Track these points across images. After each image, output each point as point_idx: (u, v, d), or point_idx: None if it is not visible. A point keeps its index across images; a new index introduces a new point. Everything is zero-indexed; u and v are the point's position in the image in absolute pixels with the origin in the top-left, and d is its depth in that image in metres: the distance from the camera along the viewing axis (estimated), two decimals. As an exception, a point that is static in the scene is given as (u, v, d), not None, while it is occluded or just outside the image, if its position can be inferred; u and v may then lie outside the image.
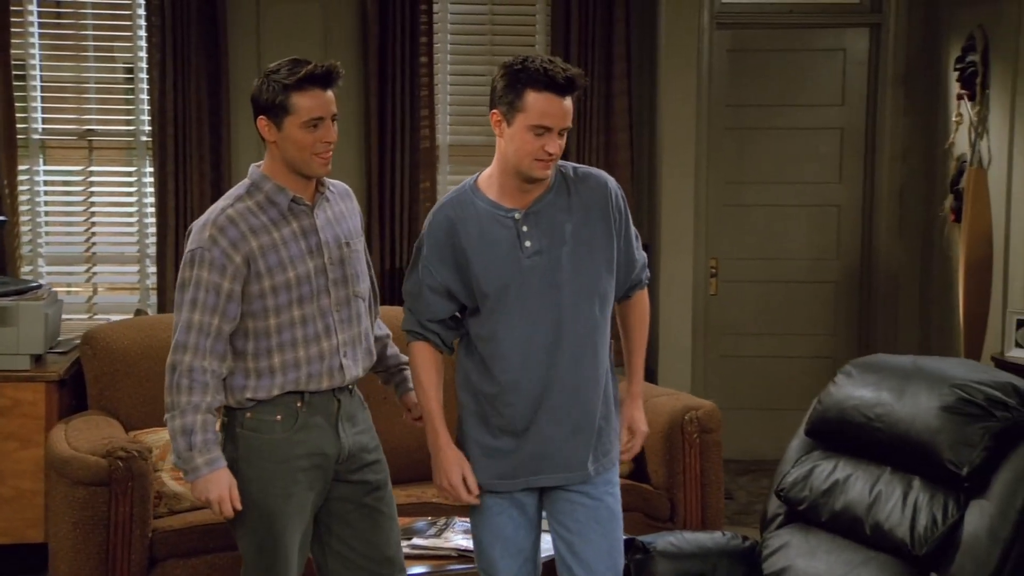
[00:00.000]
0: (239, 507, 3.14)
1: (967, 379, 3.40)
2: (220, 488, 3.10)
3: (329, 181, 3.32)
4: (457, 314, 3.24)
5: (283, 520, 3.19)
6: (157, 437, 4.34)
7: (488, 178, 3.18)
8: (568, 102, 3.04)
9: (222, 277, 3.09)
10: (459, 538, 3.99)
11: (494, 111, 3.09)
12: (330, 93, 3.13)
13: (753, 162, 6.69)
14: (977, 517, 3.25)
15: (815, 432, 3.73)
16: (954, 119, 6.18)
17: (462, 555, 3.88)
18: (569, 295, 3.13)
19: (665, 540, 3.67)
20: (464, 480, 3.20)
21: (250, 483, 3.17)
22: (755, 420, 6.64)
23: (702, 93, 6.39)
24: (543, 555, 3.36)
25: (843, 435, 3.61)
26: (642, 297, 3.41)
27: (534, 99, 3.01)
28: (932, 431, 3.35)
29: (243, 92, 5.57)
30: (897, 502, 3.40)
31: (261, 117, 3.14)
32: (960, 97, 6.11)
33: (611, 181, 3.24)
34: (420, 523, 4.16)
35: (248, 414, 3.18)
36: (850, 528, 3.48)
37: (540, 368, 3.13)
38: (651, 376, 6.28)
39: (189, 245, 3.14)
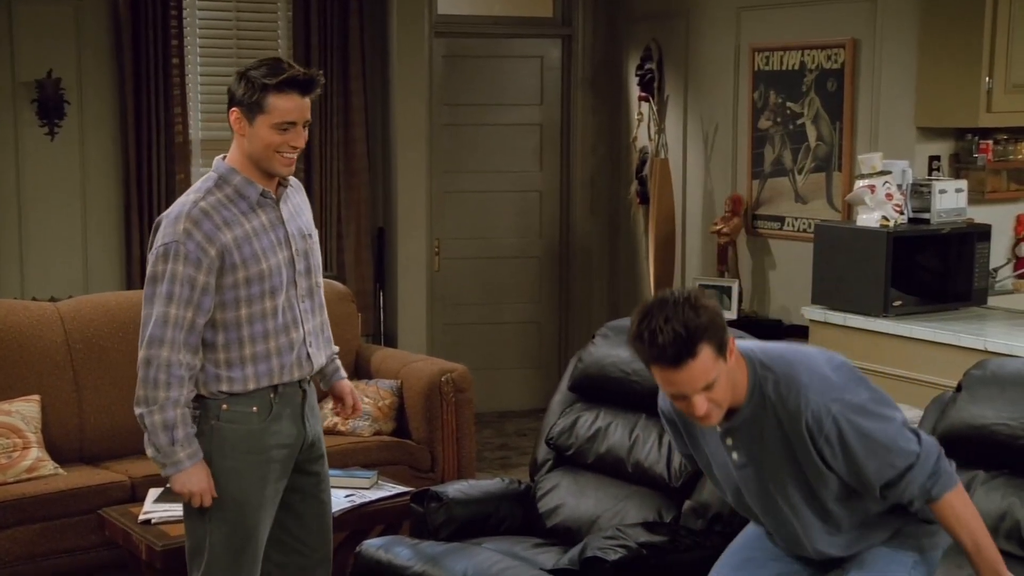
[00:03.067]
0: (215, 496, 2.88)
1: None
2: (202, 481, 2.85)
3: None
4: None
5: (258, 512, 2.94)
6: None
7: None
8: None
9: (197, 271, 2.79)
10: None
11: None
12: (307, 100, 2.84)
13: (467, 154, 6.76)
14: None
15: (577, 387, 3.82)
16: (636, 117, 6.46)
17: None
18: None
19: (455, 488, 3.68)
20: None
21: (224, 475, 2.89)
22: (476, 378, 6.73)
23: (427, 93, 6.39)
24: None
25: (603, 388, 3.72)
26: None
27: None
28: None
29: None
30: (654, 443, 3.54)
31: (234, 109, 2.84)
32: (641, 98, 6.40)
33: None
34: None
35: (224, 406, 2.90)
36: (614, 468, 3.61)
37: None
38: (392, 341, 6.26)
39: (161, 239, 2.83)
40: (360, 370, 5.04)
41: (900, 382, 4.38)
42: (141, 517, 3.68)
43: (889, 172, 4.66)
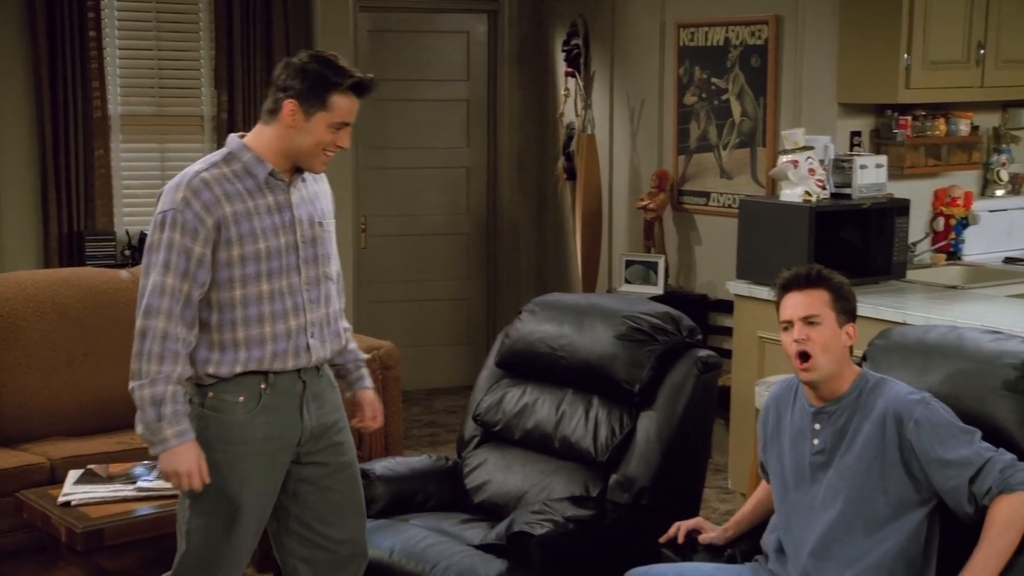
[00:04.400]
0: (207, 481, 2.72)
1: (634, 311, 3.59)
2: (189, 461, 2.68)
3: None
4: None
5: (239, 506, 2.78)
6: None
7: None
8: None
9: (194, 241, 2.68)
10: (182, 480, 3.79)
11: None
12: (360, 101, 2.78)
13: (394, 130, 6.70)
14: (646, 425, 3.46)
15: (504, 363, 3.82)
16: (563, 93, 6.45)
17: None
18: None
19: (382, 465, 3.66)
20: None
21: (209, 467, 2.73)
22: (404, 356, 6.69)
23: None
24: None
25: (530, 364, 3.72)
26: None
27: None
28: (609, 356, 3.52)
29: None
30: (580, 418, 3.55)
31: (291, 101, 2.70)
32: (567, 74, 6.38)
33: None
34: (139, 468, 3.90)
35: (210, 392, 2.76)
36: (541, 443, 3.61)
37: None
38: (318, 322, 6.19)
39: (160, 207, 2.72)
40: (286, 348, 4.97)
41: (822, 355, 4.43)
42: (60, 499, 3.60)
43: (811, 148, 4.71)
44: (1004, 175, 5.59)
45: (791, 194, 4.68)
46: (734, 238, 4.94)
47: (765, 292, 4.76)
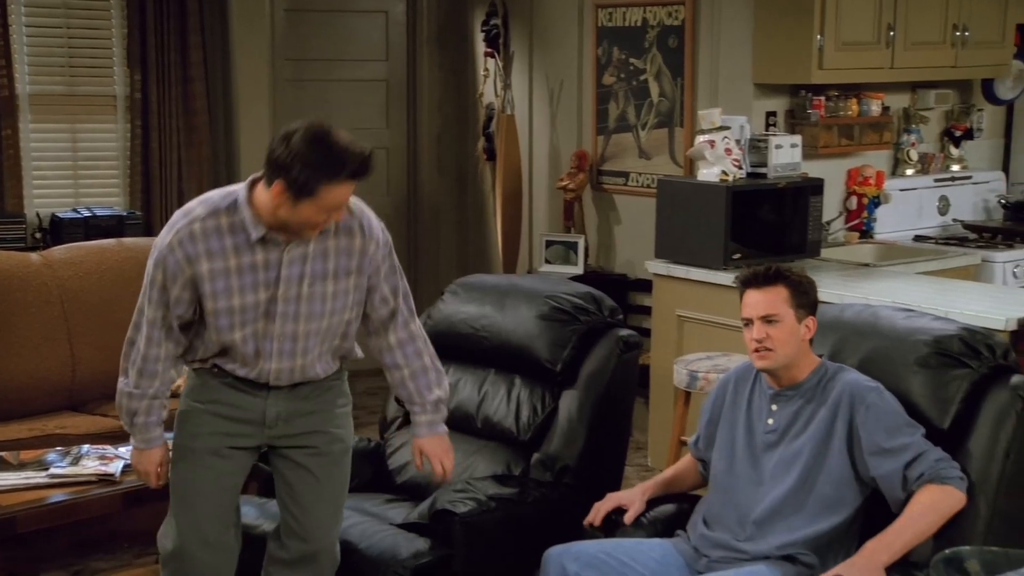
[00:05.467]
0: (163, 482, 2.98)
1: (556, 291, 3.59)
2: (147, 464, 2.97)
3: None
4: None
5: (191, 459, 2.93)
6: None
7: None
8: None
9: (172, 284, 2.79)
10: (95, 464, 3.72)
11: None
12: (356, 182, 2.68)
13: (312, 111, 6.58)
14: (568, 404, 3.47)
15: (426, 344, 3.79)
16: (482, 73, 6.42)
17: (102, 479, 3.61)
18: None
19: (303, 449, 3.61)
20: None
21: (178, 425, 2.97)
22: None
23: (269, 49, 6.21)
24: None
25: (452, 345, 3.70)
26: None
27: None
28: (531, 336, 3.53)
29: None
30: (503, 398, 3.55)
31: (279, 183, 2.61)
32: (486, 55, 6.35)
33: None
34: (52, 454, 3.81)
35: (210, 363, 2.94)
36: (464, 423, 3.60)
37: None
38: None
39: (158, 239, 2.84)
40: (204, 331, 4.89)
41: (740, 332, 4.48)
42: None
43: (728, 127, 4.75)
44: (914, 155, 5.70)
45: (708, 174, 4.72)
46: (653, 218, 4.97)
47: (683, 271, 4.81)
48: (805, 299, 2.91)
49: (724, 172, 4.69)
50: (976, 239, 5.56)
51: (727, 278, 4.63)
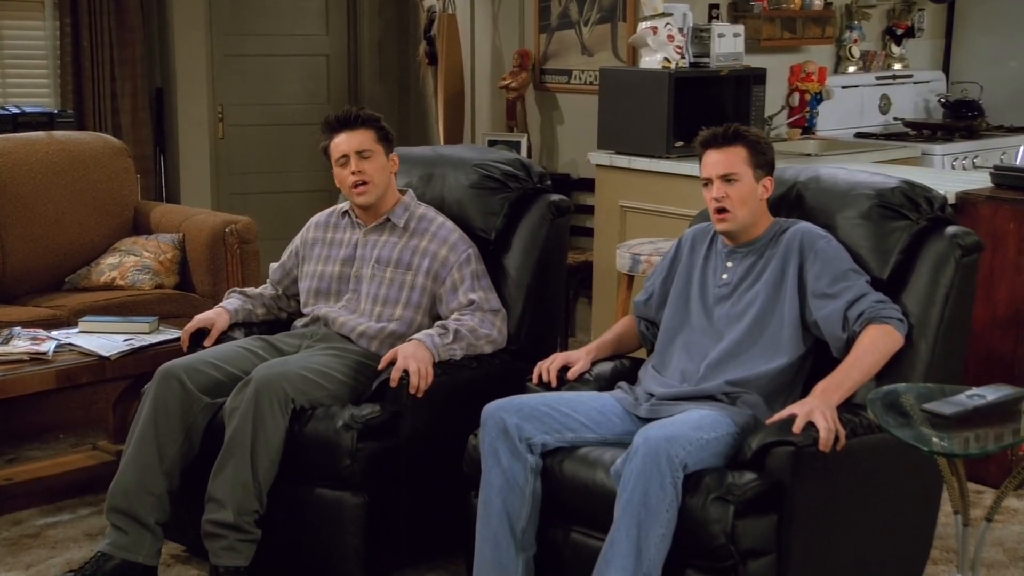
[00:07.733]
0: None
1: (485, 159, 3.53)
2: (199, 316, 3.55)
3: (423, 216, 3.35)
4: None
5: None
6: None
7: None
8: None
9: (289, 253, 3.58)
10: (27, 344, 3.62)
11: None
12: (359, 132, 3.27)
13: (249, 16, 6.43)
14: (504, 270, 3.41)
15: (363, 219, 3.71)
16: (423, -25, 6.28)
17: (34, 358, 3.52)
18: None
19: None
20: None
21: None
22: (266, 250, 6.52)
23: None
24: None
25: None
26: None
27: None
28: (462, 206, 3.46)
29: None
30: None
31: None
32: (427, -44, 6.21)
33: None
34: (-21, 335, 3.70)
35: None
36: (402, 295, 3.53)
37: None
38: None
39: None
40: (139, 226, 4.77)
41: (682, 220, 4.43)
42: None
43: (671, 14, 4.68)
44: (856, 51, 5.68)
45: (650, 61, 4.65)
46: (595, 116, 4.90)
47: (626, 161, 4.75)
48: (763, 159, 2.92)
49: (666, 59, 4.62)
50: (916, 135, 5.55)
51: (670, 166, 4.59)
